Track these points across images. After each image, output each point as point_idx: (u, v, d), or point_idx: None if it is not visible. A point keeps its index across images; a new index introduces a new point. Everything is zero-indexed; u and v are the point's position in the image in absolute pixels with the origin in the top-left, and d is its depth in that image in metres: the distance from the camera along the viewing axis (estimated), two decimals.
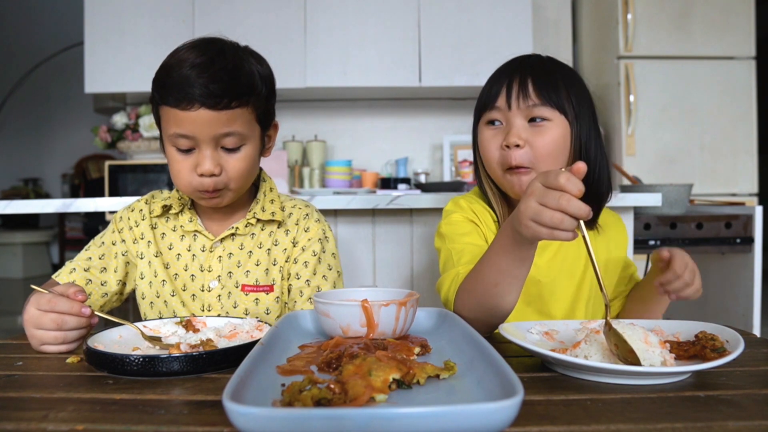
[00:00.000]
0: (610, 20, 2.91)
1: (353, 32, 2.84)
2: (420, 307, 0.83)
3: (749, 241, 1.95)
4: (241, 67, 0.96)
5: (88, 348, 0.70)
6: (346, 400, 0.53)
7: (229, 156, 0.97)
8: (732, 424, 0.51)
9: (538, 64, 1.02)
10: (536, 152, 0.97)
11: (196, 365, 0.67)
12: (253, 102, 0.97)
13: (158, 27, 2.84)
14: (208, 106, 0.91)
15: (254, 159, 1.01)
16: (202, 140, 0.94)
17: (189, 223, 1.07)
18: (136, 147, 2.93)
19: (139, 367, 0.66)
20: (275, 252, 1.08)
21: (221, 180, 0.97)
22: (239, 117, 0.95)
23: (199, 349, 0.71)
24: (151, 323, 0.84)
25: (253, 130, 0.99)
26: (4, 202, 2.00)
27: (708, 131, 2.86)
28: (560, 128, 0.99)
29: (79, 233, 6.40)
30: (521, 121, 0.99)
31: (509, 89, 0.99)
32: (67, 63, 5.50)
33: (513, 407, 0.45)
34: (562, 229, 0.68)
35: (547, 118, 0.98)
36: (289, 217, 1.11)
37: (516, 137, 0.97)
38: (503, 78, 1.02)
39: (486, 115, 1.03)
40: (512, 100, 0.99)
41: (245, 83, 0.95)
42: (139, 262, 1.08)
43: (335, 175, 2.87)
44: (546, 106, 0.98)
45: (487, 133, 1.03)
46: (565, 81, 1.00)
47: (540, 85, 0.98)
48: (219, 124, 0.93)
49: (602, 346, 0.68)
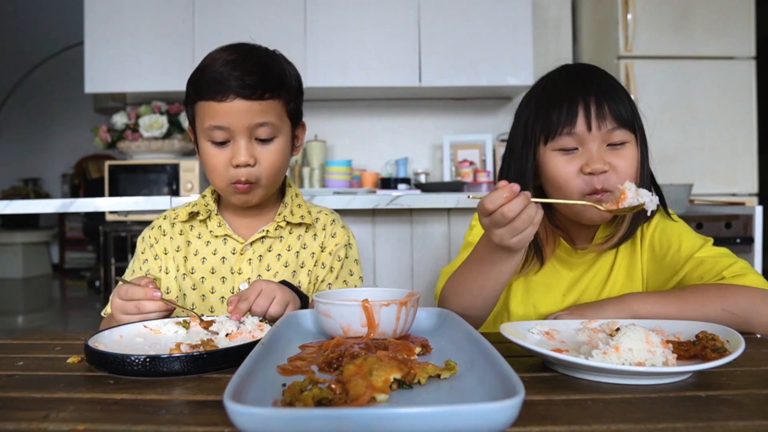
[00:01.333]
0: (610, 20, 2.91)
1: (353, 32, 2.84)
2: (420, 307, 0.83)
3: (749, 241, 1.95)
4: (272, 63, 1.02)
5: (88, 348, 0.70)
6: (347, 400, 0.53)
7: (262, 148, 1.00)
8: (733, 424, 0.51)
9: (603, 80, 0.97)
10: (620, 175, 0.92)
11: (197, 365, 0.67)
12: (284, 96, 1.01)
13: (158, 27, 2.84)
14: (243, 96, 0.96)
15: (285, 154, 1.04)
16: (237, 131, 0.98)
17: (218, 227, 1.10)
18: (136, 147, 2.93)
19: (140, 368, 0.66)
20: (303, 255, 1.11)
21: (254, 172, 1.00)
22: (272, 108, 0.99)
23: (199, 349, 0.71)
24: (152, 323, 0.84)
25: (284, 124, 1.03)
26: (4, 202, 2.00)
27: (708, 131, 2.86)
28: (635, 147, 0.95)
29: (79, 233, 6.41)
30: (600, 144, 0.94)
31: (587, 111, 0.93)
32: (67, 63, 5.51)
33: (514, 407, 0.45)
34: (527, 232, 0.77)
35: (625, 141, 0.94)
36: (316, 222, 1.14)
37: (601, 163, 0.92)
38: (575, 98, 0.94)
39: (558, 141, 0.95)
40: (592, 123, 0.93)
41: (277, 77, 1.00)
42: (164, 277, 1.11)
43: (335, 175, 2.87)
44: (623, 129, 0.93)
45: (561, 159, 0.95)
46: (627, 96, 0.96)
47: (614, 105, 0.93)
48: (253, 114, 0.97)
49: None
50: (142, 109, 2.94)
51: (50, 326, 4.26)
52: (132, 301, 0.86)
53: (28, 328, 4.17)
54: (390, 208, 2.13)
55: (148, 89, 2.86)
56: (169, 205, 2.02)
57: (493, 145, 3.05)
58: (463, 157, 3.04)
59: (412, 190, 2.66)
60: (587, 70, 0.99)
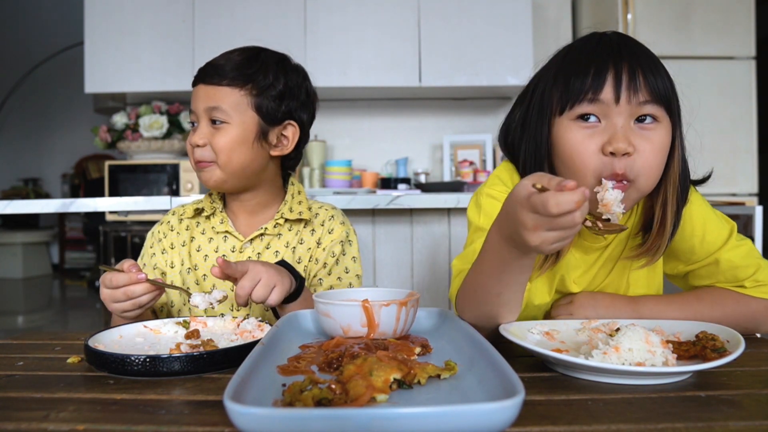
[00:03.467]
0: (610, 20, 2.91)
1: (353, 32, 2.84)
2: (420, 307, 0.83)
3: None
4: (255, 58, 1.08)
5: (88, 348, 0.70)
6: (347, 400, 0.53)
7: (215, 131, 1.06)
8: (733, 424, 0.51)
9: (642, 50, 0.83)
10: (645, 161, 0.80)
11: (197, 365, 0.67)
12: (250, 88, 1.06)
13: (158, 27, 2.83)
14: (204, 82, 1.06)
15: (240, 142, 1.07)
16: (199, 114, 1.06)
17: (220, 224, 1.12)
18: (136, 147, 2.93)
19: (140, 368, 0.66)
20: (300, 250, 1.12)
21: (206, 153, 1.06)
22: (227, 96, 1.05)
23: (199, 349, 0.71)
24: (152, 323, 0.85)
25: (244, 115, 1.07)
26: (4, 202, 2.00)
27: (708, 131, 2.86)
28: (667, 131, 0.82)
29: (79, 233, 6.41)
30: (626, 120, 0.80)
31: (617, 78, 0.79)
32: (67, 63, 5.50)
33: (514, 407, 0.45)
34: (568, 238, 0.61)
35: (657, 118, 0.81)
36: (315, 217, 1.16)
37: (626, 143, 0.78)
38: (605, 62, 0.80)
39: (578, 107, 0.81)
40: (622, 92, 0.79)
41: (246, 70, 1.07)
42: (169, 271, 1.13)
43: (335, 175, 2.86)
44: (657, 104, 0.80)
45: (579, 133, 0.82)
46: (667, 73, 0.83)
47: (651, 77, 0.80)
48: (207, 98, 1.05)
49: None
50: (142, 109, 2.94)
51: (50, 326, 4.26)
52: (119, 289, 0.86)
53: (28, 328, 4.17)
54: (390, 208, 2.13)
55: (148, 89, 2.86)
56: (169, 205, 2.02)
57: (493, 145, 3.04)
58: (463, 157, 3.04)
59: (412, 190, 2.66)
60: (621, 37, 0.85)
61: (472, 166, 2.98)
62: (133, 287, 0.85)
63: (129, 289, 0.85)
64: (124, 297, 0.86)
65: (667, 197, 0.86)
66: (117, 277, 0.86)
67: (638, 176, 0.80)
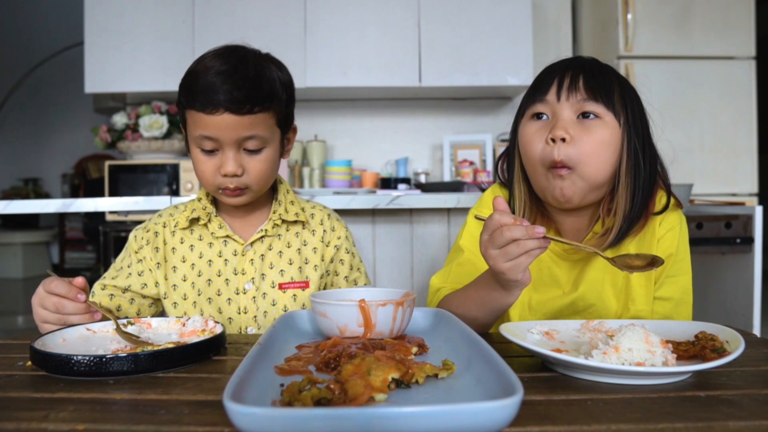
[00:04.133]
0: (610, 20, 2.91)
1: (353, 32, 2.84)
2: (417, 307, 0.83)
3: (749, 241, 1.95)
4: (263, 74, 1.02)
5: (32, 348, 0.69)
6: (345, 400, 0.53)
7: (250, 158, 1.02)
8: (732, 424, 0.51)
9: (592, 63, 0.98)
10: (582, 149, 0.91)
11: (142, 365, 0.67)
12: (274, 107, 1.02)
13: (158, 27, 2.83)
14: (232, 111, 0.97)
15: (274, 161, 1.07)
16: (225, 143, 0.99)
17: (219, 229, 1.11)
18: (136, 147, 2.93)
19: (84, 368, 0.65)
20: (305, 251, 1.14)
21: (243, 180, 1.02)
22: (261, 121, 1.00)
23: (143, 349, 0.71)
24: (95, 326, 0.84)
25: (274, 134, 1.04)
26: (4, 202, 2.00)
27: (708, 131, 2.86)
28: (610, 128, 0.93)
29: (79, 233, 6.40)
30: (570, 114, 0.94)
31: (560, 82, 0.95)
32: (67, 63, 5.50)
33: (513, 406, 0.45)
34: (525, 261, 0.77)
35: (597, 114, 0.93)
36: (312, 218, 1.17)
37: (562, 130, 0.91)
38: (555, 72, 0.97)
39: (532, 108, 0.98)
40: (562, 92, 0.94)
41: (267, 90, 1.01)
42: (171, 275, 1.10)
43: (335, 175, 2.86)
44: (597, 103, 0.93)
45: (531, 127, 0.97)
46: (619, 82, 0.97)
47: (592, 81, 0.94)
48: (242, 128, 0.98)
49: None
50: (142, 109, 2.94)
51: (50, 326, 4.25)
52: (53, 296, 0.84)
53: (28, 328, 4.17)
54: (390, 208, 2.13)
55: (148, 89, 2.86)
56: (169, 204, 2.02)
57: (493, 145, 3.05)
58: (463, 157, 3.04)
59: (412, 190, 2.66)
60: (590, 57, 1.00)
61: (472, 166, 2.98)
62: (65, 302, 0.84)
63: (60, 302, 0.84)
64: (52, 308, 0.84)
65: (618, 187, 0.95)
66: (57, 285, 0.84)
67: (578, 164, 0.91)
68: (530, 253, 0.76)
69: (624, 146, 0.94)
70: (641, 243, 0.98)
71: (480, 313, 0.89)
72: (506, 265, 0.77)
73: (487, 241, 0.79)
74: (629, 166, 0.94)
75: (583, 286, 0.99)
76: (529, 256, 0.76)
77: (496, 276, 0.81)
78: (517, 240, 0.75)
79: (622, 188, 0.94)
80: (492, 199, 1.03)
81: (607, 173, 0.94)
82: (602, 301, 0.99)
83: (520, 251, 0.76)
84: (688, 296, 1.01)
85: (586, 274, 1.00)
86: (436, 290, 1.04)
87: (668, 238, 0.99)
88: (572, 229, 1.03)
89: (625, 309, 0.99)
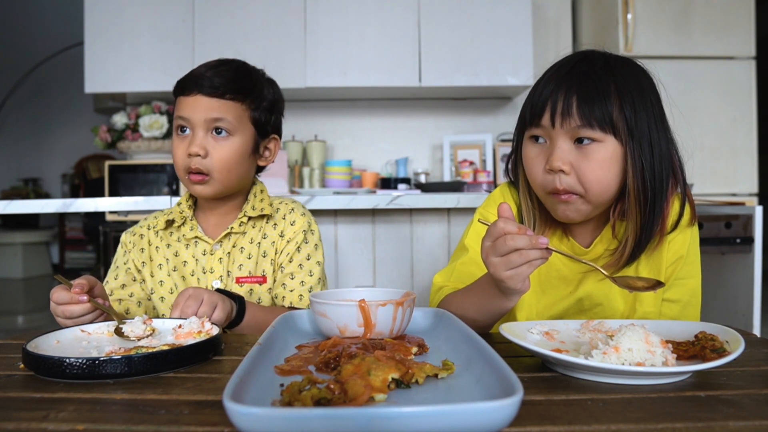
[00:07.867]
0: (610, 20, 2.91)
1: (353, 32, 2.83)
2: (417, 307, 0.83)
3: (749, 241, 1.95)
4: (247, 73, 1.13)
5: (24, 351, 0.69)
6: (345, 400, 0.53)
7: (216, 142, 1.08)
8: (732, 424, 0.51)
9: (589, 73, 0.90)
10: (583, 178, 0.89)
11: (136, 367, 0.67)
12: (249, 103, 1.11)
13: (158, 27, 2.83)
14: (204, 93, 1.07)
15: (241, 155, 1.11)
16: (195, 123, 1.07)
17: (190, 231, 1.16)
18: (136, 147, 2.93)
19: (77, 371, 0.65)
20: (264, 245, 1.16)
21: (205, 164, 1.07)
22: (231, 109, 1.09)
23: (141, 351, 0.71)
24: (89, 327, 0.85)
25: (244, 127, 1.11)
26: (4, 202, 2.00)
27: (708, 131, 2.86)
28: (609, 149, 0.89)
29: (79, 233, 6.40)
30: (566, 143, 0.90)
31: (554, 106, 0.90)
32: (67, 63, 5.50)
33: (513, 406, 0.45)
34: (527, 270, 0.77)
35: (594, 139, 0.89)
36: (276, 212, 1.20)
37: (560, 161, 0.89)
38: (549, 89, 0.91)
39: (530, 130, 0.95)
40: (556, 118, 0.89)
41: (245, 84, 1.10)
42: (157, 272, 1.16)
43: (335, 175, 2.86)
44: (592, 129, 0.88)
45: (532, 151, 0.95)
46: (620, 90, 0.89)
47: (584, 105, 0.88)
48: (210, 109, 1.07)
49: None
50: (142, 109, 2.94)
51: (50, 326, 4.25)
52: (59, 306, 0.88)
53: (28, 328, 4.17)
54: (390, 208, 2.13)
55: (148, 89, 2.86)
56: (169, 205, 2.02)
57: (493, 145, 3.04)
58: (463, 157, 3.04)
59: (412, 190, 2.66)
60: (584, 64, 0.93)
61: (472, 166, 2.98)
62: (72, 307, 0.87)
63: (68, 309, 0.87)
64: (63, 315, 0.88)
65: (625, 209, 0.93)
66: (59, 295, 0.87)
67: (585, 191, 0.90)
68: (532, 263, 0.76)
69: (628, 160, 0.90)
70: (651, 253, 0.97)
71: (479, 316, 0.89)
72: (507, 273, 0.77)
73: (489, 248, 0.78)
74: (635, 178, 0.90)
75: (591, 285, 0.99)
76: (530, 266, 0.76)
77: (496, 282, 0.81)
78: (520, 250, 0.75)
79: (632, 198, 0.91)
80: (499, 199, 1.04)
81: (613, 191, 0.92)
82: (609, 301, 0.99)
83: (522, 261, 0.75)
84: (697, 299, 1.00)
85: (594, 272, 0.99)
86: (438, 288, 1.04)
87: (679, 240, 0.98)
88: (581, 231, 1.02)
89: (632, 310, 0.99)
